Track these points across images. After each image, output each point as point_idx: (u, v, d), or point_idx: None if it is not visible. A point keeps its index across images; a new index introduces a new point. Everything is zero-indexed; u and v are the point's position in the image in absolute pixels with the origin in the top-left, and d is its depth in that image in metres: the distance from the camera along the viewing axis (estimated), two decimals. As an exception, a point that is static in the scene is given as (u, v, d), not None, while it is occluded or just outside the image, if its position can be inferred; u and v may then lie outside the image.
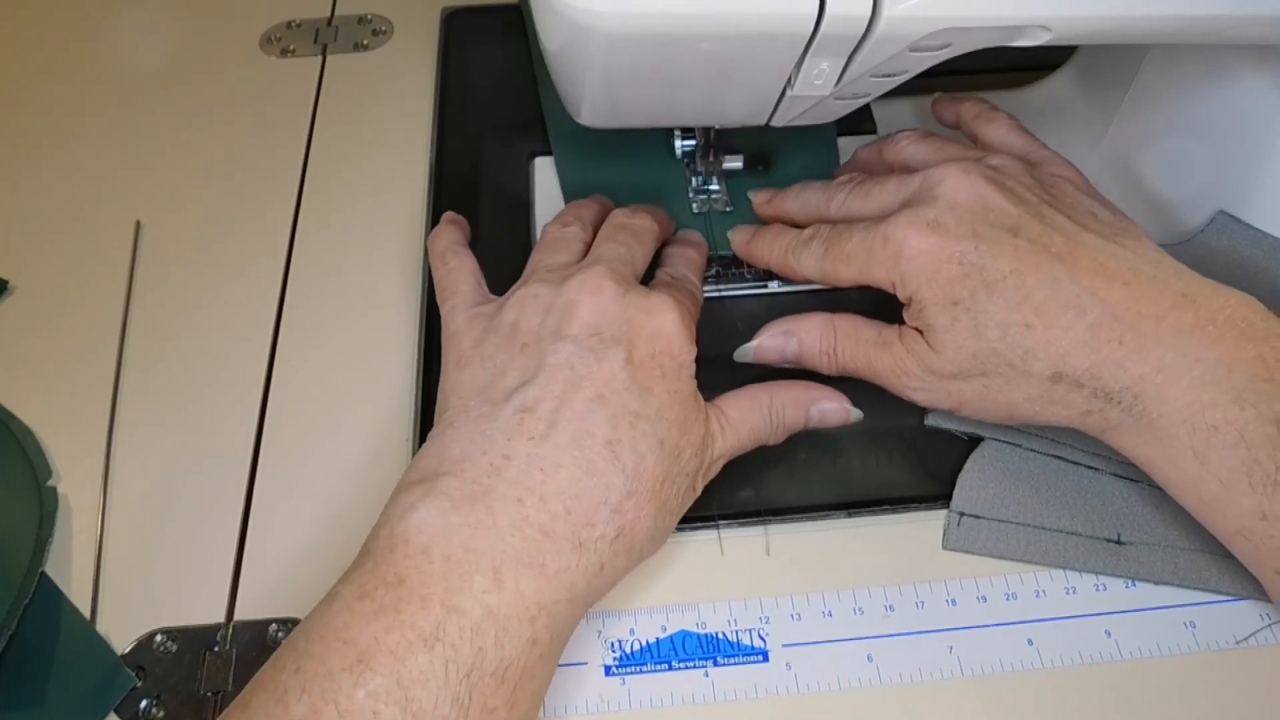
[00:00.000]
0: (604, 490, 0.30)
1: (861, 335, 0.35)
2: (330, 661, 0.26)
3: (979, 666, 0.33)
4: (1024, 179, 0.35)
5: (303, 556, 0.36)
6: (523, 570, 0.28)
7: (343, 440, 0.39)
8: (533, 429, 0.30)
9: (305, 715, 0.25)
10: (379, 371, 0.41)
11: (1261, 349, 0.31)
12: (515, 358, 0.32)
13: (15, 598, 0.34)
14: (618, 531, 0.30)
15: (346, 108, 0.52)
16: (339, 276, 0.44)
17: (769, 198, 0.42)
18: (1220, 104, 0.40)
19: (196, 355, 0.42)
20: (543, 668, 0.29)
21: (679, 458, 0.32)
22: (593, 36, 0.30)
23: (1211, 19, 0.32)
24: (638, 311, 0.33)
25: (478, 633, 0.27)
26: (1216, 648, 0.33)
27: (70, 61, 0.55)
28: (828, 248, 0.36)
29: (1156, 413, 0.31)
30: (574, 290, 0.33)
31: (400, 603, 0.27)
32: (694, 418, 0.32)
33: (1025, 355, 0.32)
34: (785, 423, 0.35)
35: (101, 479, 0.38)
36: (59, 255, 0.46)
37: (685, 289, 0.37)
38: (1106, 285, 0.32)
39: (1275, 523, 0.30)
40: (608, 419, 0.31)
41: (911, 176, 0.36)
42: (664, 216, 0.41)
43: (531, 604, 0.28)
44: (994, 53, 0.32)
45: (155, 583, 0.35)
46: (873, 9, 0.29)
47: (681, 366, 0.33)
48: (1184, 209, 0.42)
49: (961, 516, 0.36)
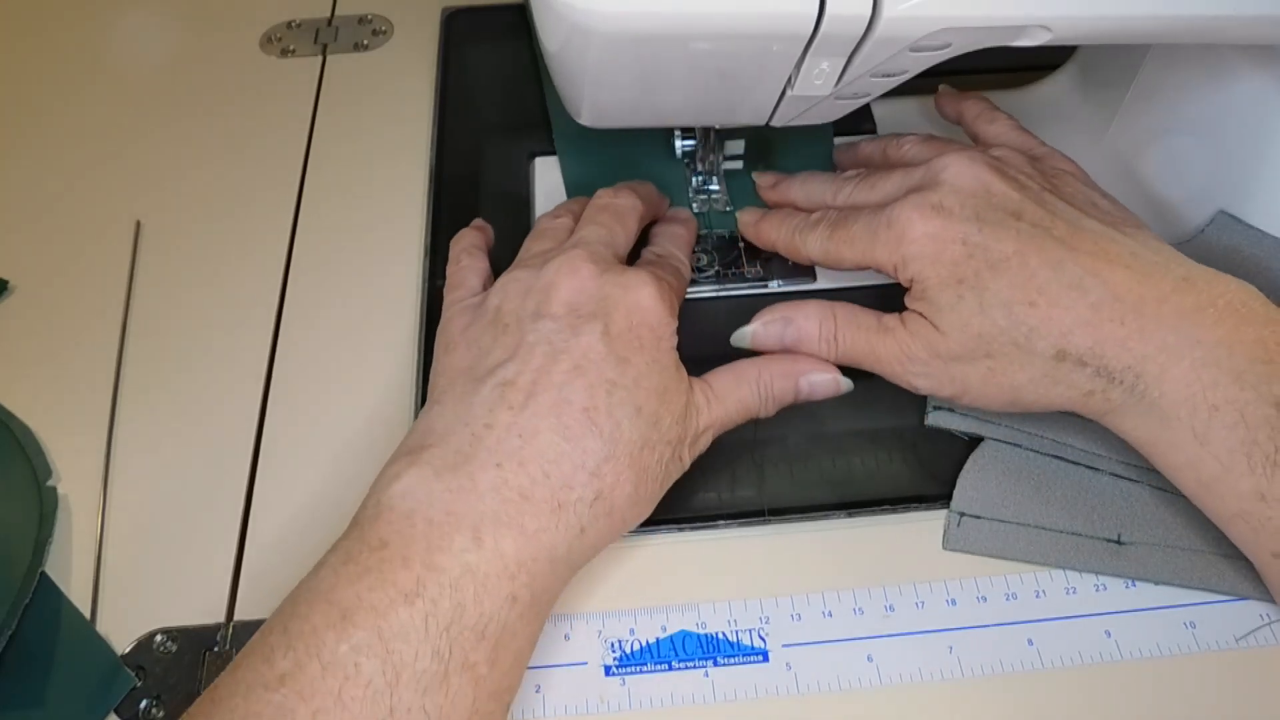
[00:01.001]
0: (581, 455, 0.31)
1: (862, 321, 0.35)
2: (314, 620, 0.27)
3: (979, 666, 0.33)
4: (1026, 168, 0.36)
5: (303, 557, 0.36)
6: (502, 530, 0.29)
7: (343, 441, 0.39)
8: (512, 400, 0.31)
9: (290, 670, 0.26)
10: (379, 373, 0.41)
11: (1261, 333, 0.31)
12: (498, 338, 0.33)
13: (15, 598, 0.34)
14: (596, 494, 0.31)
15: (346, 108, 0.51)
16: (339, 277, 0.44)
17: (774, 182, 0.43)
18: (1220, 104, 0.40)
19: (196, 355, 0.42)
20: (524, 627, 0.29)
21: (658, 425, 0.32)
22: (592, 36, 0.30)
23: (1211, 19, 0.32)
24: (614, 288, 0.34)
25: (456, 589, 0.28)
26: (1216, 648, 0.33)
27: (70, 61, 0.55)
28: (833, 230, 0.37)
29: (1158, 392, 0.31)
30: (552, 273, 0.34)
31: (383, 564, 0.28)
32: (674, 387, 0.33)
33: (1030, 333, 0.32)
34: (775, 395, 0.35)
35: (101, 479, 0.38)
36: (59, 255, 0.46)
37: (669, 265, 0.38)
38: (1108, 268, 0.32)
39: (1273, 504, 0.30)
40: (585, 388, 0.31)
41: (917, 167, 0.36)
42: (653, 194, 0.42)
43: (511, 562, 0.29)
44: (994, 53, 0.32)
45: (155, 583, 0.35)
46: (873, 9, 0.29)
47: (660, 339, 0.33)
48: (1184, 208, 0.42)
49: (961, 516, 0.36)
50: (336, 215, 0.47)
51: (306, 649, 0.27)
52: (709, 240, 0.44)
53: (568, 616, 0.34)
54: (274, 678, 0.26)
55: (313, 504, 0.37)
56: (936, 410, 0.37)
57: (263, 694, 0.26)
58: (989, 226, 0.33)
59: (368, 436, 0.39)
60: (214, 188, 0.48)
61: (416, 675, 0.27)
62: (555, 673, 0.33)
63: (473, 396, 0.32)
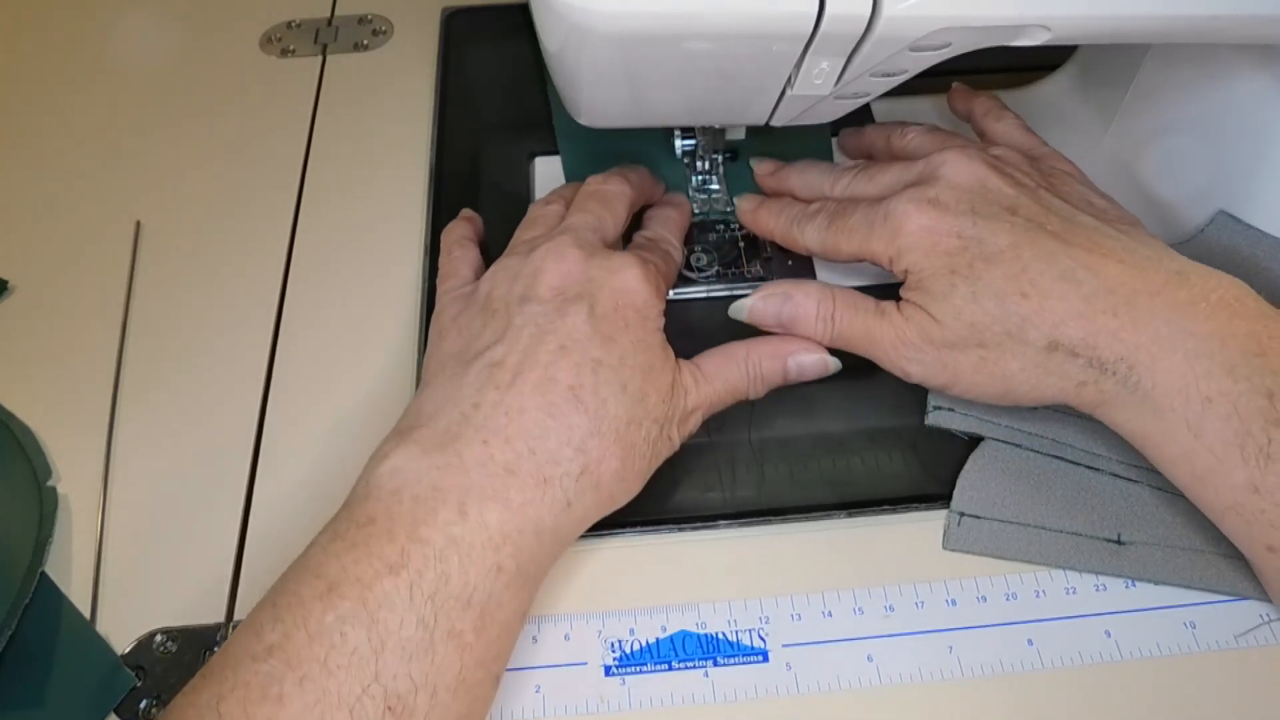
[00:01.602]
0: (567, 430, 0.31)
1: (860, 304, 0.36)
2: (302, 593, 0.28)
3: (979, 666, 0.33)
4: (1024, 166, 0.37)
5: (303, 556, 0.36)
6: (486, 503, 0.30)
7: (343, 441, 0.39)
8: (499, 380, 0.32)
9: (278, 641, 0.27)
10: (379, 373, 0.41)
11: (1254, 327, 0.31)
12: (487, 323, 0.34)
13: (15, 598, 0.34)
14: (582, 469, 0.31)
15: (346, 108, 0.51)
16: (339, 277, 0.44)
17: (773, 170, 0.43)
18: (1220, 104, 0.40)
19: (196, 355, 0.42)
20: (511, 598, 0.30)
21: (644, 401, 0.33)
22: (592, 36, 0.30)
23: (1211, 19, 0.32)
24: (600, 271, 0.34)
25: (441, 559, 0.29)
26: (1216, 648, 0.33)
27: (70, 61, 0.55)
28: (831, 221, 0.37)
29: (1151, 384, 0.31)
30: (540, 258, 0.35)
31: (369, 539, 0.29)
32: (660, 366, 0.34)
33: (1022, 323, 0.33)
34: (763, 375, 0.36)
35: (101, 479, 0.38)
36: (59, 255, 0.46)
37: (658, 249, 0.39)
38: (1101, 261, 0.33)
39: (1267, 495, 0.30)
40: (571, 367, 0.32)
41: (915, 162, 0.37)
42: (646, 178, 0.42)
43: (495, 534, 0.30)
44: (994, 53, 0.32)
45: (155, 583, 0.35)
46: (873, 9, 0.29)
47: (646, 319, 0.34)
48: (1184, 208, 0.42)
49: (961, 516, 0.36)
50: (336, 215, 0.47)
51: (294, 620, 0.27)
52: (709, 240, 0.44)
53: (568, 616, 0.34)
54: (262, 649, 0.27)
55: (313, 504, 0.37)
56: (937, 410, 0.37)
57: (251, 664, 0.27)
58: (984, 220, 0.34)
59: (368, 437, 0.39)
60: (214, 188, 0.48)
61: (402, 642, 0.27)
62: (555, 673, 0.33)
63: (461, 378, 0.33)
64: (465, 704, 0.28)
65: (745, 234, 0.44)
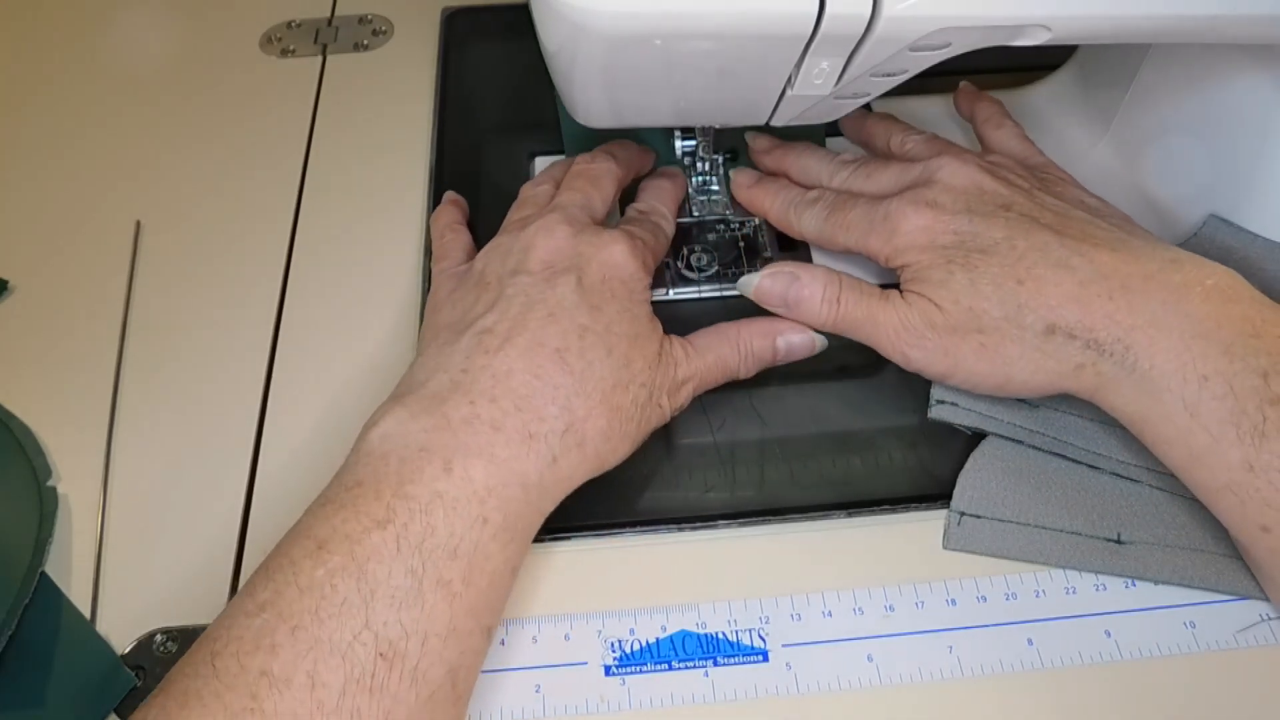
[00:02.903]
0: (552, 390, 0.32)
1: (865, 289, 0.37)
2: (293, 553, 0.29)
3: (979, 666, 0.33)
4: (1018, 170, 0.38)
5: (303, 556, 0.36)
6: (472, 460, 0.30)
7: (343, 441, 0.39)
8: (488, 345, 0.33)
9: (269, 598, 0.28)
10: (379, 374, 0.41)
11: (1247, 310, 0.32)
12: (480, 296, 0.35)
13: (15, 598, 0.34)
14: (566, 426, 0.32)
15: (346, 108, 0.52)
16: (339, 277, 0.44)
17: (769, 147, 0.44)
18: (1219, 104, 0.40)
19: (196, 355, 0.42)
20: (499, 550, 0.30)
21: (629, 366, 0.34)
22: (592, 36, 0.30)
23: (1211, 19, 0.32)
24: (588, 246, 0.36)
25: (426, 512, 0.29)
26: (1216, 647, 0.33)
27: (70, 62, 0.55)
28: (830, 212, 0.38)
29: (1148, 364, 0.32)
30: (530, 235, 0.36)
31: (357, 500, 0.30)
32: (646, 335, 0.35)
33: (1019, 308, 0.33)
34: (754, 352, 0.37)
35: (101, 479, 0.38)
36: (59, 255, 0.46)
37: (649, 222, 0.40)
38: (1094, 249, 0.34)
39: (1261, 474, 0.30)
40: (558, 332, 0.33)
41: (913, 165, 0.38)
42: (633, 152, 0.43)
43: (480, 488, 0.30)
44: (994, 53, 0.32)
45: (155, 583, 0.35)
46: (873, 9, 0.29)
47: (632, 291, 0.35)
48: (1183, 209, 0.42)
49: (962, 516, 0.36)
50: (337, 215, 0.47)
51: (284, 578, 0.28)
52: (709, 240, 0.44)
53: (568, 616, 0.34)
54: (254, 606, 0.28)
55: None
56: (939, 405, 0.37)
57: (244, 620, 0.28)
58: (979, 217, 0.35)
59: (368, 436, 0.39)
60: (214, 187, 0.48)
61: (391, 591, 0.28)
62: (555, 673, 0.33)
63: (453, 345, 0.34)
64: (456, 653, 0.29)
65: (745, 234, 0.44)
